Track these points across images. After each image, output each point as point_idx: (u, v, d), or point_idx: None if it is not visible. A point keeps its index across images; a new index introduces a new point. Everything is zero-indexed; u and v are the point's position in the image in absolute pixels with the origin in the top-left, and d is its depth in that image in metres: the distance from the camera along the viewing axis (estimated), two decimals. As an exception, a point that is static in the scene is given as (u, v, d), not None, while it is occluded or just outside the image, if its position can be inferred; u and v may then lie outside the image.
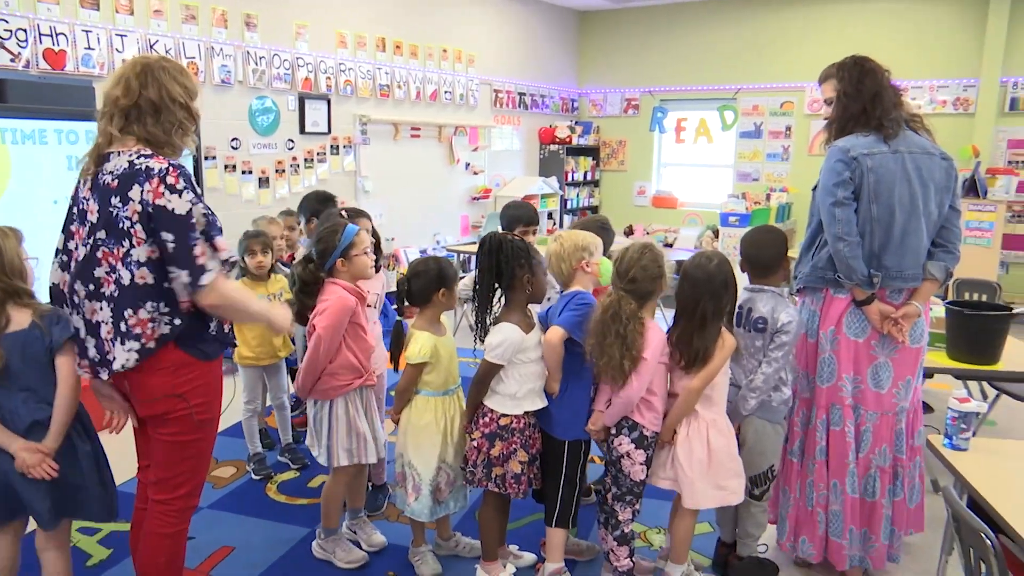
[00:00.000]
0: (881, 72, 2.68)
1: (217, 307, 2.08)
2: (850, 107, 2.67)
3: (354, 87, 6.51)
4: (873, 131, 2.62)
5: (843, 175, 2.57)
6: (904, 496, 2.77)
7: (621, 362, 2.44)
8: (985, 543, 1.74)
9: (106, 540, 3.09)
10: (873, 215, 2.57)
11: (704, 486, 2.57)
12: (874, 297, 2.61)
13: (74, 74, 4.49)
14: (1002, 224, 6.84)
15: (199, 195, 2.08)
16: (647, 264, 2.51)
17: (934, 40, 7.66)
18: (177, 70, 2.15)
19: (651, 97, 9.29)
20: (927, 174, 2.60)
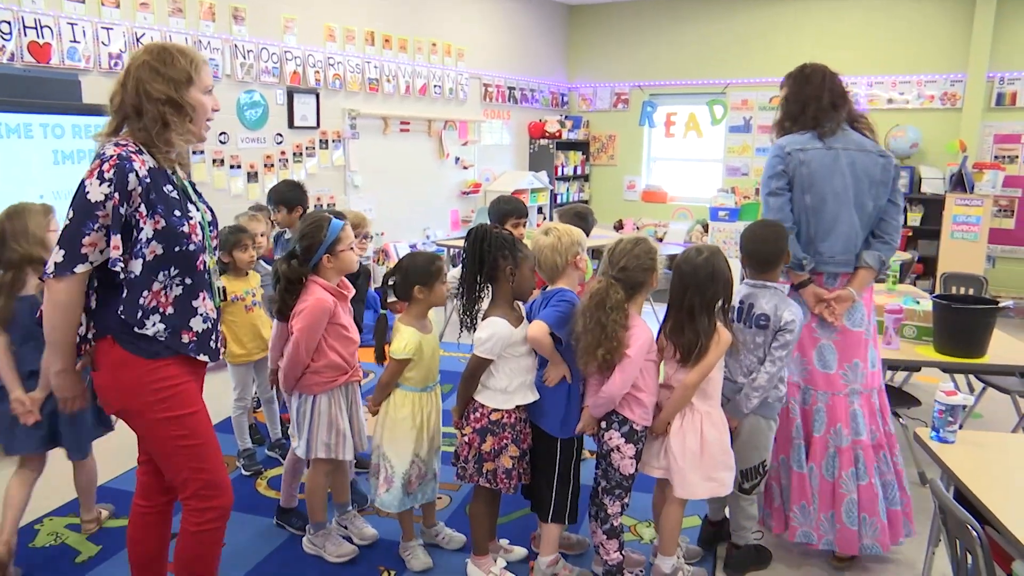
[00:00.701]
0: (823, 78, 2.92)
1: (45, 306, 1.98)
2: (790, 110, 2.97)
3: (343, 81, 6.48)
4: (810, 130, 2.88)
5: (777, 168, 2.87)
6: (871, 481, 2.83)
7: (595, 350, 2.45)
8: (971, 534, 1.76)
9: (95, 537, 3.08)
10: (807, 204, 2.85)
11: (695, 477, 2.59)
12: (810, 281, 2.85)
13: (59, 67, 4.44)
14: (988, 218, 6.90)
15: (127, 195, 1.94)
16: (640, 254, 2.53)
17: (922, 35, 7.70)
18: (162, 61, 2.04)
19: (641, 91, 9.29)
20: (862, 169, 2.84)
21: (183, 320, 2.08)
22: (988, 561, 1.74)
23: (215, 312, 2.19)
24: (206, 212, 2.20)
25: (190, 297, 2.10)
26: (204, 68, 2.11)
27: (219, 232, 3.15)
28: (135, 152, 1.99)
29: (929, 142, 7.68)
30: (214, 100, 2.18)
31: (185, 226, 2.05)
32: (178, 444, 2.11)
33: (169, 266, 2.03)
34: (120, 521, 3.18)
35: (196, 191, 2.23)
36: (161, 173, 2.05)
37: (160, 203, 2.00)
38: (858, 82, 7.98)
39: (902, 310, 3.56)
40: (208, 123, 2.18)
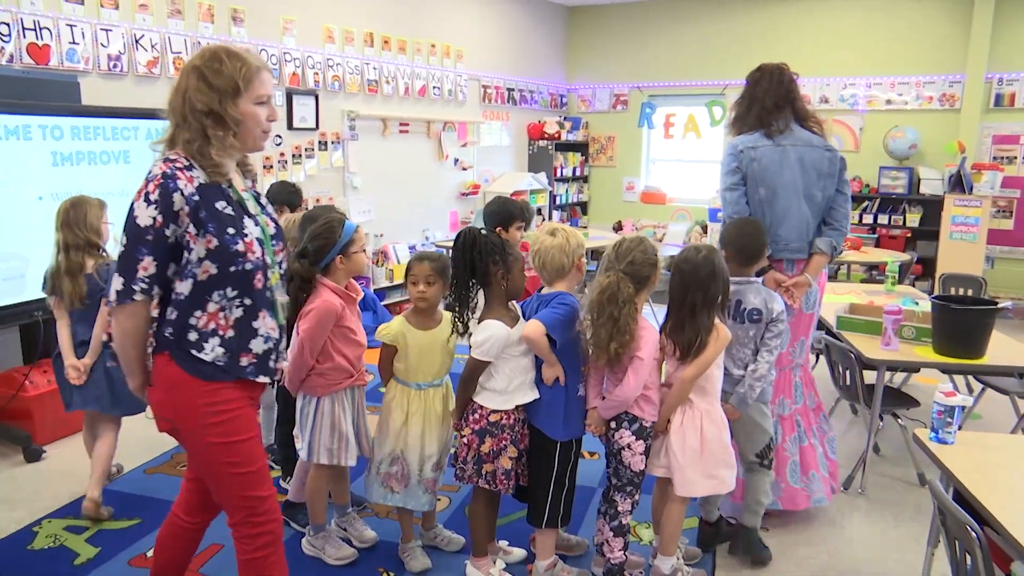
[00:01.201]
0: (771, 80, 3.15)
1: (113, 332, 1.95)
2: (740, 110, 3.27)
3: (342, 82, 6.48)
4: (758, 129, 3.14)
5: (731, 166, 3.14)
6: (810, 443, 3.20)
7: (608, 344, 2.45)
8: (970, 535, 1.76)
9: (94, 539, 3.07)
10: (761, 197, 3.11)
11: (696, 475, 2.61)
12: (770, 267, 3.07)
13: (58, 69, 4.44)
14: (987, 219, 6.90)
15: (173, 216, 1.86)
16: (646, 250, 2.56)
17: (921, 36, 7.70)
18: (210, 67, 1.91)
19: (640, 93, 9.29)
20: (810, 163, 3.10)
21: (243, 342, 1.99)
22: (987, 562, 1.75)
23: (277, 331, 2.08)
24: (268, 225, 2.07)
25: (250, 318, 2.00)
26: (258, 76, 1.96)
27: None
28: (183, 168, 1.90)
29: (928, 143, 7.68)
30: (270, 110, 2.01)
31: (240, 244, 1.93)
32: (229, 471, 2.01)
33: (225, 286, 1.93)
34: (119, 523, 3.18)
35: (260, 202, 2.12)
36: (213, 188, 1.93)
37: (211, 221, 1.90)
38: (857, 83, 7.99)
39: (901, 311, 3.56)
40: (265, 134, 2.03)
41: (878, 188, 7.90)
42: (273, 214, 2.15)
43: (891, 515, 3.36)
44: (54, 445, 3.99)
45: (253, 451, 2.05)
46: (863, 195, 7.98)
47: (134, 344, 1.95)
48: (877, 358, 3.43)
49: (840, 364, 3.68)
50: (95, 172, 4.17)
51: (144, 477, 3.65)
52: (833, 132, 8.20)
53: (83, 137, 4.12)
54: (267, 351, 2.05)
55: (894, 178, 7.81)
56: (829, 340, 3.72)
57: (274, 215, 2.15)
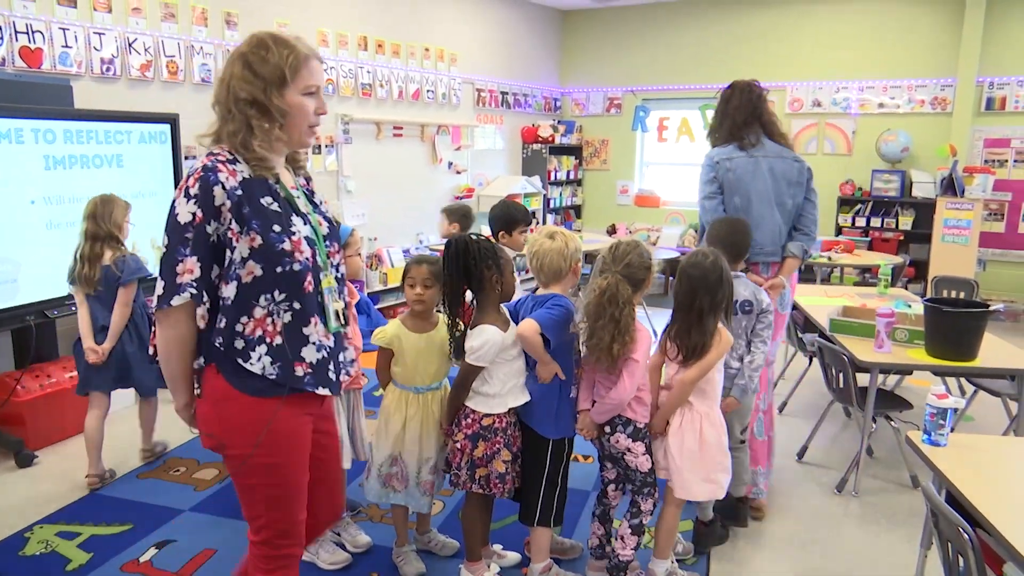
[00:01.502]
0: (740, 98, 3.41)
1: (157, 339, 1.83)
2: (713, 125, 3.51)
3: (336, 86, 6.48)
4: (732, 142, 3.38)
5: (709, 176, 3.38)
6: (768, 436, 3.40)
7: (610, 345, 2.46)
8: (963, 537, 1.77)
9: (86, 544, 3.06)
10: (736, 204, 3.33)
11: (694, 477, 2.63)
12: (747, 270, 3.22)
13: (51, 72, 4.43)
14: (979, 222, 6.94)
15: (215, 212, 1.74)
16: (641, 253, 2.58)
17: (912, 40, 7.74)
18: (256, 55, 1.78)
19: (633, 96, 9.32)
20: (780, 173, 3.34)
21: (294, 351, 1.81)
22: (979, 564, 1.75)
23: (332, 340, 1.90)
24: (320, 224, 1.92)
25: (300, 324, 1.82)
26: (307, 64, 1.82)
27: None
28: (226, 161, 1.78)
29: (920, 146, 7.72)
30: (319, 103, 1.86)
31: (286, 243, 1.77)
32: (265, 492, 1.86)
33: (272, 289, 1.77)
34: (111, 529, 3.17)
35: (313, 200, 1.97)
36: (258, 183, 1.80)
37: (256, 218, 1.75)
38: (849, 86, 8.02)
39: (894, 314, 3.58)
40: (313, 129, 1.88)
41: (871, 191, 7.93)
42: (328, 213, 1.99)
43: (884, 517, 3.37)
44: (46, 450, 3.97)
45: (296, 474, 1.89)
46: (856, 198, 8.01)
47: (178, 356, 1.81)
48: (870, 360, 3.44)
49: (833, 367, 3.69)
50: (88, 176, 4.16)
51: (137, 482, 3.63)
52: (826, 136, 8.23)
53: (76, 141, 4.11)
54: (322, 360, 1.86)
55: (887, 181, 7.84)
56: (822, 343, 3.73)
57: (329, 214, 1.99)
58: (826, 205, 8.15)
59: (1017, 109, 7.37)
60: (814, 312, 4.24)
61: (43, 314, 3.98)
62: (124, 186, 4.37)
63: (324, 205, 2.02)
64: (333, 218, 2.03)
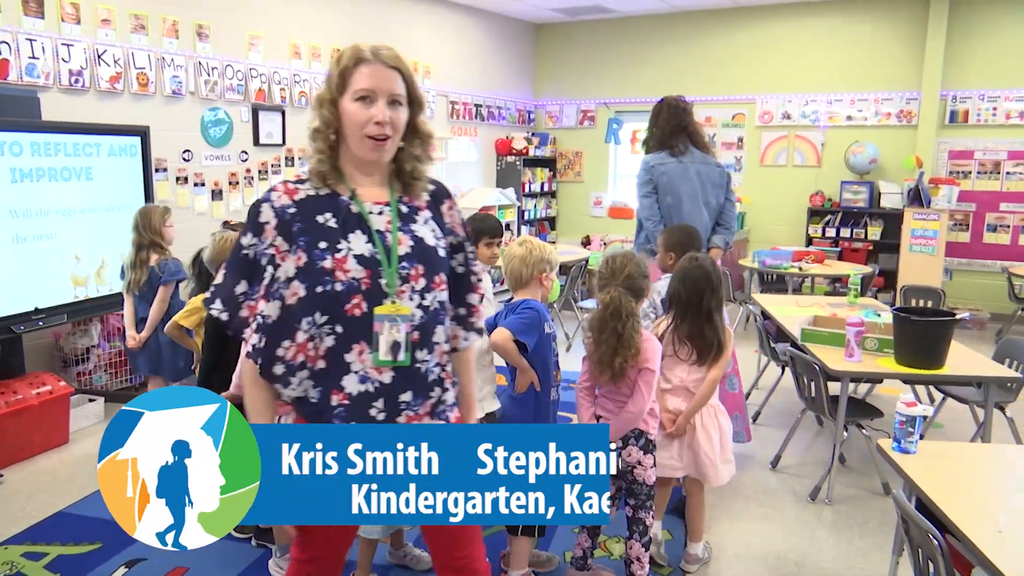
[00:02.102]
0: (669, 113, 3.98)
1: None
2: (646, 136, 4.10)
3: (309, 98, 6.45)
4: (664, 150, 3.96)
5: (644, 179, 3.98)
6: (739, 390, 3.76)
7: (612, 359, 2.51)
8: (932, 543, 1.79)
9: (53, 565, 2.99)
10: (669, 203, 3.91)
11: (722, 465, 2.83)
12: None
13: (17, 84, 4.36)
14: (945, 232, 7.07)
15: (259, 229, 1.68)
16: (639, 263, 2.65)
17: (878, 55, 7.90)
18: (332, 64, 1.72)
19: (606, 109, 9.39)
20: (705, 177, 3.95)
21: (335, 378, 1.66)
22: (949, 569, 1.78)
23: (384, 373, 1.66)
24: (401, 243, 1.71)
25: (342, 350, 1.65)
26: (358, 67, 1.70)
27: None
28: (292, 182, 1.73)
29: (887, 158, 7.86)
30: (375, 110, 1.67)
31: (328, 260, 1.64)
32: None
33: (314, 311, 1.64)
34: (78, 548, 3.10)
35: (405, 216, 1.76)
36: (322, 200, 1.70)
37: (304, 234, 1.66)
38: (818, 99, 8.16)
39: (863, 323, 3.62)
40: (371, 139, 1.68)
41: (840, 202, 8.06)
42: (420, 230, 1.75)
43: (856, 524, 3.41)
44: (11, 469, 3.88)
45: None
46: (825, 209, 8.13)
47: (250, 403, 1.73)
48: (841, 369, 3.48)
49: (805, 376, 3.73)
50: (56, 189, 4.10)
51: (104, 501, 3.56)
52: (796, 148, 8.36)
53: (43, 153, 4.05)
54: (366, 395, 1.66)
55: (855, 192, 7.97)
56: (794, 352, 3.77)
57: (416, 232, 1.74)
58: (796, 216, 8.28)
59: (980, 122, 7.55)
60: (785, 322, 4.29)
61: (9, 329, 3.90)
62: (93, 199, 4.32)
63: (448, 221, 1.84)
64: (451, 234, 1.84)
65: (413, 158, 1.78)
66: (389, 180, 1.78)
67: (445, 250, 1.79)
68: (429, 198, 1.82)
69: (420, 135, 1.79)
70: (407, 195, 1.78)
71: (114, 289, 4.46)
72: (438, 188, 1.86)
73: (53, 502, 3.49)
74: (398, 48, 1.82)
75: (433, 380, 1.74)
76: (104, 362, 4.79)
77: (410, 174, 1.78)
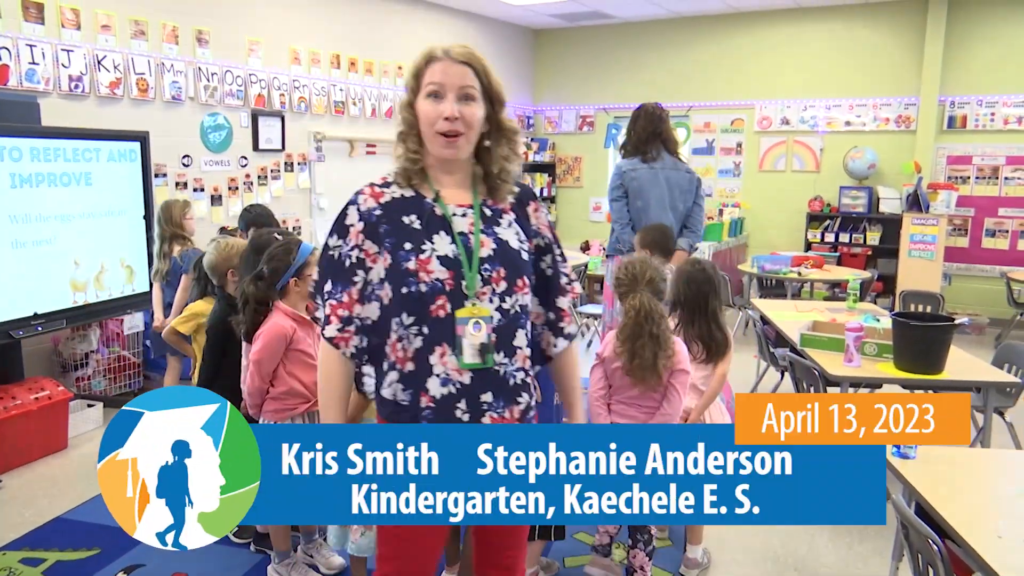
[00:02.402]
0: (645, 120, 4.19)
1: None
2: (623, 141, 4.34)
3: (308, 104, 6.46)
4: (637, 156, 4.18)
5: (616, 183, 4.25)
6: None
7: (655, 362, 2.51)
8: (932, 549, 1.79)
9: (51, 571, 2.98)
10: (638, 207, 4.15)
11: None
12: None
13: (17, 89, 4.37)
14: (944, 237, 7.08)
15: (344, 231, 1.72)
16: (657, 266, 2.68)
17: (877, 60, 7.92)
18: (423, 54, 1.71)
19: (605, 114, 9.41)
20: (674, 182, 4.17)
21: (421, 380, 1.65)
22: (948, 574, 1.77)
23: (465, 375, 1.65)
24: (484, 245, 1.69)
25: (427, 352, 1.65)
26: (430, 64, 1.71)
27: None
28: (375, 185, 1.75)
29: (886, 163, 7.88)
30: (444, 107, 1.66)
31: (412, 261, 1.64)
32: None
33: (401, 312, 1.65)
34: (76, 554, 3.09)
35: (489, 218, 1.73)
36: (407, 202, 1.71)
37: (390, 236, 1.67)
38: (816, 104, 8.17)
39: (862, 328, 3.63)
40: (442, 136, 1.67)
41: (839, 207, 8.07)
42: (503, 233, 1.72)
43: (856, 530, 3.40)
44: (9, 474, 3.87)
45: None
46: (824, 214, 8.14)
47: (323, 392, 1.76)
48: (840, 375, 3.48)
49: (804, 381, 3.73)
50: (55, 194, 4.10)
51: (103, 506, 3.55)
52: (795, 153, 8.37)
53: (43, 159, 4.05)
54: (449, 396, 1.65)
55: (854, 197, 7.98)
56: (793, 357, 3.77)
57: (504, 235, 1.72)
58: (795, 221, 8.29)
59: (978, 127, 7.56)
60: (785, 327, 4.29)
61: (8, 334, 3.90)
62: (93, 205, 4.32)
63: (534, 223, 1.81)
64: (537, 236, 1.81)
65: (500, 158, 1.74)
66: (473, 182, 1.76)
67: (529, 253, 1.76)
68: (514, 200, 1.78)
69: (504, 132, 1.75)
70: (491, 198, 1.75)
71: (113, 295, 4.47)
72: (523, 190, 1.82)
73: (51, 508, 3.49)
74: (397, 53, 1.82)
75: (516, 384, 1.70)
76: (103, 367, 4.78)
77: (497, 176, 1.75)
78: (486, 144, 1.74)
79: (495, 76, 1.73)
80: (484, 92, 1.71)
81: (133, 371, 4.92)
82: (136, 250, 4.61)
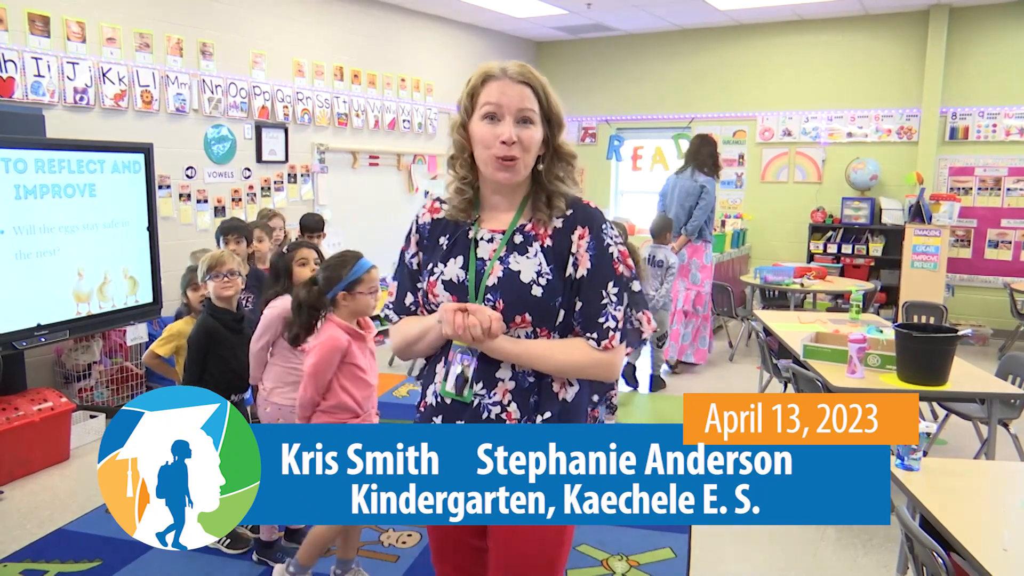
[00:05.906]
0: (709, 147, 6.12)
1: None
2: (686, 155, 6.26)
3: (312, 115, 6.49)
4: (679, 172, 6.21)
5: (661, 190, 6.29)
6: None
7: None
8: (937, 561, 1.78)
9: (52, 582, 2.98)
10: (664, 204, 6.13)
11: None
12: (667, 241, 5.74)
13: (23, 102, 4.40)
14: (946, 248, 7.07)
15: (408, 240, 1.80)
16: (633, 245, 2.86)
17: (878, 72, 7.94)
18: (479, 73, 1.67)
19: (608, 126, 9.43)
20: (681, 189, 6.01)
21: (427, 383, 1.74)
22: (954, 588, 1.76)
23: (440, 401, 1.69)
24: (494, 271, 1.62)
25: (436, 362, 1.72)
26: (488, 85, 1.63)
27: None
28: (437, 200, 1.79)
29: (888, 174, 7.88)
30: (501, 129, 1.59)
31: (424, 282, 1.72)
32: None
33: None
34: (77, 565, 3.09)
35: (517, 246, 1.65)
36: (452, 223, 1.72)
37: (426, 252, 1.75)
38: (818, 116, 8.19)
39: (865, 339, 3.62)
40: (498, 160, 1.60)
41: (841, 218, 8.07)
42: (520, 263, 1.63)
43: (860, 543, 3.39)
44: (11, 485, 3.87)
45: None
46: (827, 225, 8.14)
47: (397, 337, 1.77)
48: (843, 386, 3.47)
49: (807, 392, 3.72)
50: (59, 205, 4.12)
51: (106, 516, 3.55)
52: (797, 164, 8.38)
53: (47, 170, 4.07)
54: (431, 408, 1.70)
55: (856, 208, 7.98)
56: (796, 369, 3.76)
57: (519, 265, 1.63)
58: (798, 232, 8.29)
59: (980, 138, 7.57)
60: (788, 338, 4.28)
61: (11, 345, 3.91)
62: (97, 216, 4.33)
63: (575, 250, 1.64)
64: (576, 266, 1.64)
65: (555, 179, 1.67)
66: (522, 204, 1.69)
67: (545, 288, 1.61)
68: (561, 227, 1.66)
69: (561, 156, 1.68)
70: (533, 223, 1.66)
71: (116, 305, 4.47)
72: (575, 214, 1.67)
73: (53, 519, 3.48)
74: (400, 65, 1.84)
75: (489, 419, 1.63)
76: (106, 378, 4.79)
77: (546, 201, 1.66)
78: (539, 168, 1.67)
79: (555, 96, 1.67)
80: (543, 114, 1.65)
81: (136, 382, 4.92)
82: (140, 261, 4.63)
